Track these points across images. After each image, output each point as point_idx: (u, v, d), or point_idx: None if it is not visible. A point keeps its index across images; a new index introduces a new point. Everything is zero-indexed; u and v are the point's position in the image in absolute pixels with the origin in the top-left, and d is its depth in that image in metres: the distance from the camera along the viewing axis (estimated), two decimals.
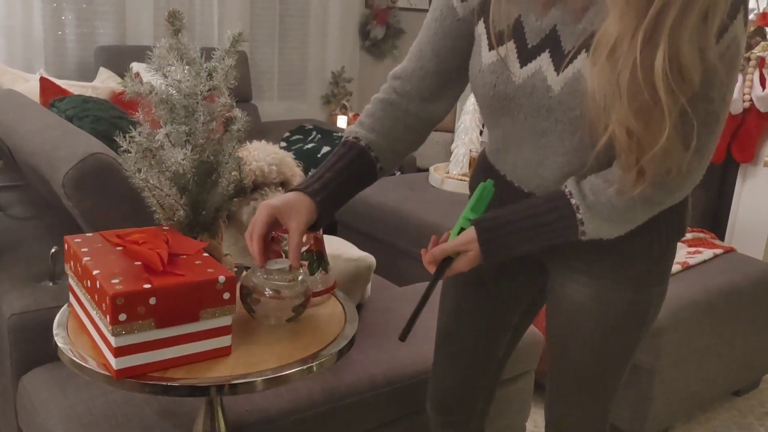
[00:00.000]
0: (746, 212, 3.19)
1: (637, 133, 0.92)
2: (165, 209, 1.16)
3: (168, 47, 1.13)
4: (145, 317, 0.97)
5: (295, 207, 1.09)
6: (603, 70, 0.91)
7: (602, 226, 1.03)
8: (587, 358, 1.21)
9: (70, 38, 3.66)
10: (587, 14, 1.00)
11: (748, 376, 2.56)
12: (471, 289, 1.32)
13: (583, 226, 1.03)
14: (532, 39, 1.05)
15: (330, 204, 1.12)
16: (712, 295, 2.19)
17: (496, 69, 1.08)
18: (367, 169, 1.17)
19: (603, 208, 1.01)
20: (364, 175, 1.17)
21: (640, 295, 1.15)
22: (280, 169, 1.51)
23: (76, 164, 1.39)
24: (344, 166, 1.15)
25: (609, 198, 1.00)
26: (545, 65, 1.03)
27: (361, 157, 1.16)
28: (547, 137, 1.07)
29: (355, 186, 1.17)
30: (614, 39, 0.90)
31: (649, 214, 1.04)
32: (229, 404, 1.35)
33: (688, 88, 0.91)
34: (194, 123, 1.14)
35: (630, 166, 0.95)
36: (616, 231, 1.05)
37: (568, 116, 1.03)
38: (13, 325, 1.50)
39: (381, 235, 2.89)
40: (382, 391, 1.57)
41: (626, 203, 1.00)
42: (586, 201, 1.02)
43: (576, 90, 1.00)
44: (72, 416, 1.35)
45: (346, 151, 1.16)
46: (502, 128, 1.14)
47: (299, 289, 1.14)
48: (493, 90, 1.09)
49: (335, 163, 1.15)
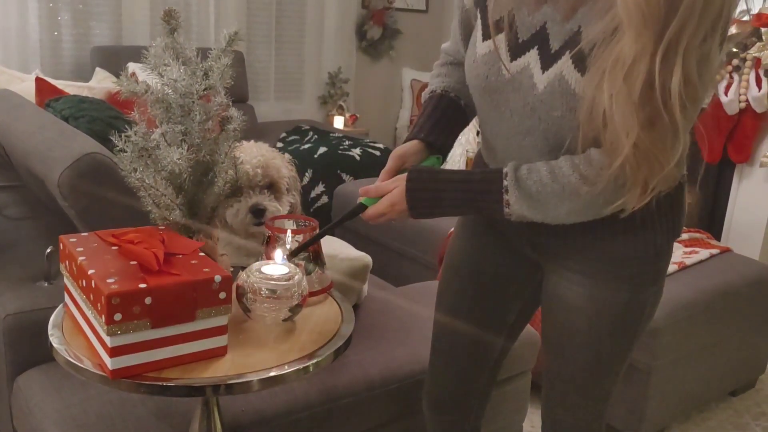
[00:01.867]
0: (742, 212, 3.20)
1: (648, 151, 0.92)
2: (161, 209, 1.16)
3: (164, 46, 1.13)
4: (141, 317, 0.96)
5: (413, 150, 1.19)
6: (621, 91, 0.91)
7: (525, 205, 1.04)
8: (582, 359, 1.20)
9: (65, 38, 3.65)
10: (577, 14, 1.00)
11: (745, 376, 2.56)
12: (467, 289, 1.32)
13: (509, 207, 1.05)
14: (522, 33, 1.05)
15: (441, 143, 1.22)
16: (709, 296, 2.19)
17: (489, 60, 1.09)
18: (461, 113, 1.26)
19: (533, 191, 1.03)
20: (460, 116, 1.26)
21: (636, 295, 1.15)
22: (265, 171, 1.51)
23: (71, 164, 1.38)
24: (442, 111, 1.24)
25: (541, 179, 1.02)
26: (533, 62, 1.04)
27: (453, 103, 1.25)
28: (530, 136, 1.07)
29: (455, 127, 1.25)
30: (632, 58, 0.89)
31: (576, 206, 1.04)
32: (225, 404, 1.35)
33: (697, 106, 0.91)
34: (190, 122, 1.13)
35: (637, 182, 0.95)
36: (540, 215, 1.05)
37: (551, 116, 1.03)
38: (8, 326, 1.50)
39: (377, 235, 2.89)
40: (379, 391, 1.57)
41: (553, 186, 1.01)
42: (518, 184, 1.04)
43: (557, 91, 1.01)
44: (67, 417, 1.34)
45: (438, 100, 1.25)
46: (490, 125, 1.15)
47: (295, 289, 1.14)
48: (485, 81, 1.10)
49: (433, 111, 1.24)
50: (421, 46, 4.95)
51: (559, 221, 1.06)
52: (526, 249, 1.23)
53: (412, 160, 1.19)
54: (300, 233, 1.23)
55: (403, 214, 1.11)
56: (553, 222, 1.07)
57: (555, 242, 1.16)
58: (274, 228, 1.23)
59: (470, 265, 1.32)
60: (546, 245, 1.18)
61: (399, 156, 1.19)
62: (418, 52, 4.97)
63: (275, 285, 1.12)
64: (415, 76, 4.90)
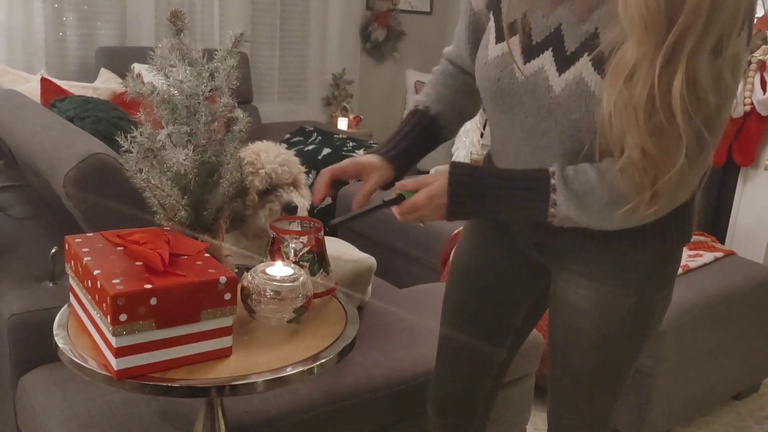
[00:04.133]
0: (747, 216, 3.19)
1: (653, 155, 0.91)
2: (166, 209, 1.16)
3: (170, 47, 1.13)
4: (146, 317, 0.96)
5: (377, 166, 1.21)
6: (621, 96, 0.90)
7: (572, 207, 1.00)
8: (589, 363, 1.20)
9: (70, 39, 3.66)
10: (593, 16, 1.00)
11: (748, 380, 2.55)
12: (473, 292, 1.32)
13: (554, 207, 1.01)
14: (537, 35, 1.05)
15: (404, 170, 1.24)
16: (713, 299, 2.19)
17: (501, 63, 1.08)
18: (435, 137, 1.27)
19: (579, 191, 1.00)
20: (432, 141, 1.27)
21: (644, 300, 1.14)
22: (290, 169, 1.52)
23: (76, 164, 1.39)
24: (417, 135, 1.25)
25: (588, 180, 0.99)
26: (548, 64, 1.03)
27: (431, 126, 1.26)
28: (546, 138, 1.07)
29: (424, 151, 1.27)
30: (633, 64, 0.89)
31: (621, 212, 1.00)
32: (229, 405, 1.35)
33: (705, 110, 0.90)
34: (196, 123, 1.13)
35: (645, 188, 0.94)
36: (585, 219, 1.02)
37: (568, 118, 1.02)
38: (12, 326, 1.50)
39: (381, 236, 2.88)
40: (382, 393, 1.57)
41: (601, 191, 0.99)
42: (566, 183, 1.00)
43: (575, 93, 1.00)
44: (71, 417, 1.35)
45: (417, 120, 1.26)
46: (502, 127, 1.14)
47: (300, 290, 1.14)
48: (497, 84, 1.09)
49: (409, 132, 1.25)
50: (425, 47, 4.95)
51: (604, 226, 1.03)
52: (534, 252, 1.23)
53: (371, 176, 1.19)
54: (304, 234, 1.23)
55: (439, 210, 1.06)
56: (596, 227, 1.03)
57: (562, 246, 1.15)
58: (279, 230, 1.23)
59: (477, 269, 1.32)
60: (553, 249, 1.18)
61: (358, 164, 1.20)
62: (422, 54, 4.97)
63: (280, 286, 1.12)
64: (419, 78, 4.90)
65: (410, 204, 1.07)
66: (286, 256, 1.21)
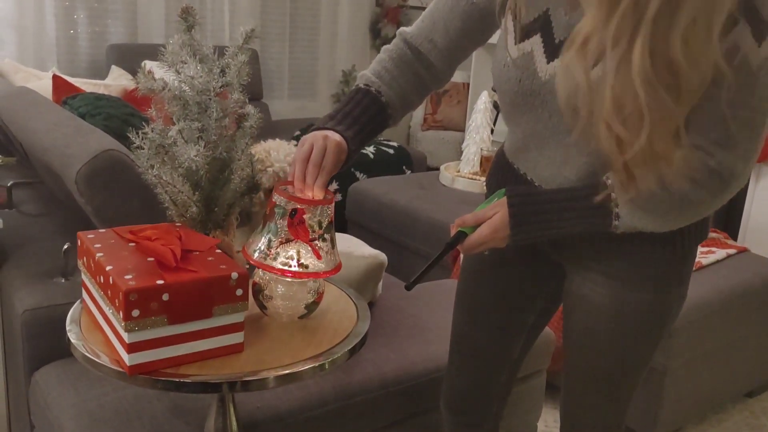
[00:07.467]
0: (759, 212, 3.16)
1: (618, 132, 0.90)
2: (178, 205, 1.16)
3: (181, 44, 1.13)
4: (158, 313, 0.97)
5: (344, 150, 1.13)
6: (571, 64, 0.91)
7: (638, 216, 1.00)
8: (605, 360, 1.19)
9: (82, 36, 3.68)
10: None
11: (761, 377, 2.54)
12: (487, 291, 1.31)
13: (618, 220, 1.01)
14: (559, 34, 1.03)
15: (354, 156, 1.17)
16: (725, 296, 2.17)
17: (522, 64, 1.07)
18: (381, 126, 1.22)
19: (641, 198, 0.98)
20: (378, 130, 1.22)
21: (659, 297, 1.13)
22: None
23: (89, 161, 1.39)
24: (367, 121, 1.19)
25: (649, 186, 0.97)
26: None
27: (380, 114, 1.21)
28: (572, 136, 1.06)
29: (369, 140, 1.21)
30: (584, 34, 0.89)
31: (691, 213, 1.01)
32: (241, 401, 1.35)
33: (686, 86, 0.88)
34: (207, 119, 1.14)
35: (618, 168, 0.94)
36: (651, 225, 1.01)
37: None
38: (25, 321, 1.51)
39: (391, 233, 2.88)
40: (393, 389, 1.57)
41: (663, 195, 0.97)
42: None
43: None
44: (83, 412, 1.35)
45: (369, 103, 1.19)
46: (523, 126, 1.12)
47: (311, 286, 1.14)
48: (518, 85, 1.08)
49: (360, 115, 1.18)
50: None
51: (667, 228, 1.03)
52: (548, 250, 1.22)
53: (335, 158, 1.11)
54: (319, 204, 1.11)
55: (504, 241, 1.06)
56: (661, 229, 1.03)
57: (578, 244, 1.14)
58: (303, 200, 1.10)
59: (491, 267, 1.31)
60: (568, 247, 1.17)
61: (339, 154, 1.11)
62: None
63: (291, 282, 1.12)
64: None
65: (474, 241, 1.07)
66: (312, 230, 1.09)
